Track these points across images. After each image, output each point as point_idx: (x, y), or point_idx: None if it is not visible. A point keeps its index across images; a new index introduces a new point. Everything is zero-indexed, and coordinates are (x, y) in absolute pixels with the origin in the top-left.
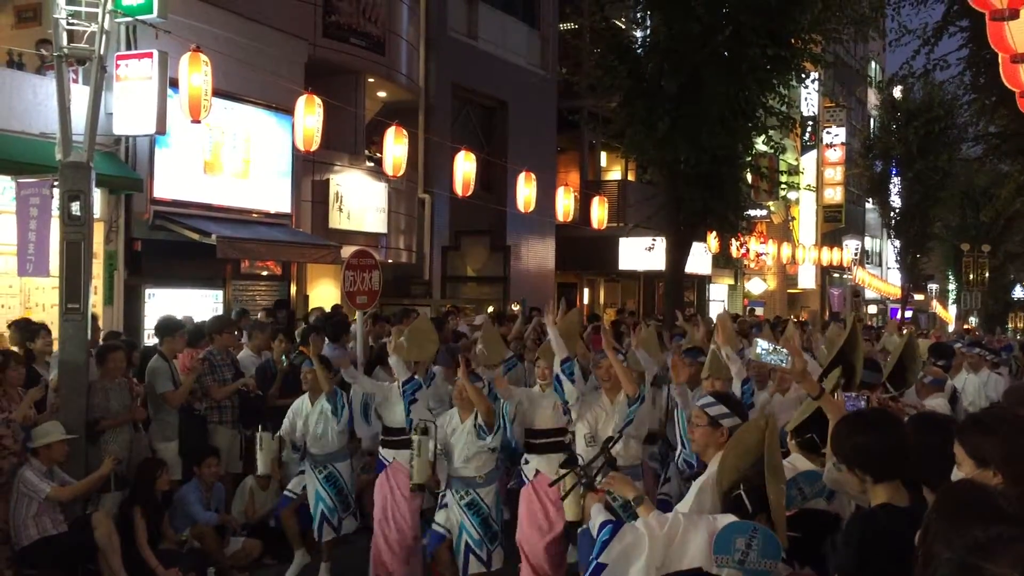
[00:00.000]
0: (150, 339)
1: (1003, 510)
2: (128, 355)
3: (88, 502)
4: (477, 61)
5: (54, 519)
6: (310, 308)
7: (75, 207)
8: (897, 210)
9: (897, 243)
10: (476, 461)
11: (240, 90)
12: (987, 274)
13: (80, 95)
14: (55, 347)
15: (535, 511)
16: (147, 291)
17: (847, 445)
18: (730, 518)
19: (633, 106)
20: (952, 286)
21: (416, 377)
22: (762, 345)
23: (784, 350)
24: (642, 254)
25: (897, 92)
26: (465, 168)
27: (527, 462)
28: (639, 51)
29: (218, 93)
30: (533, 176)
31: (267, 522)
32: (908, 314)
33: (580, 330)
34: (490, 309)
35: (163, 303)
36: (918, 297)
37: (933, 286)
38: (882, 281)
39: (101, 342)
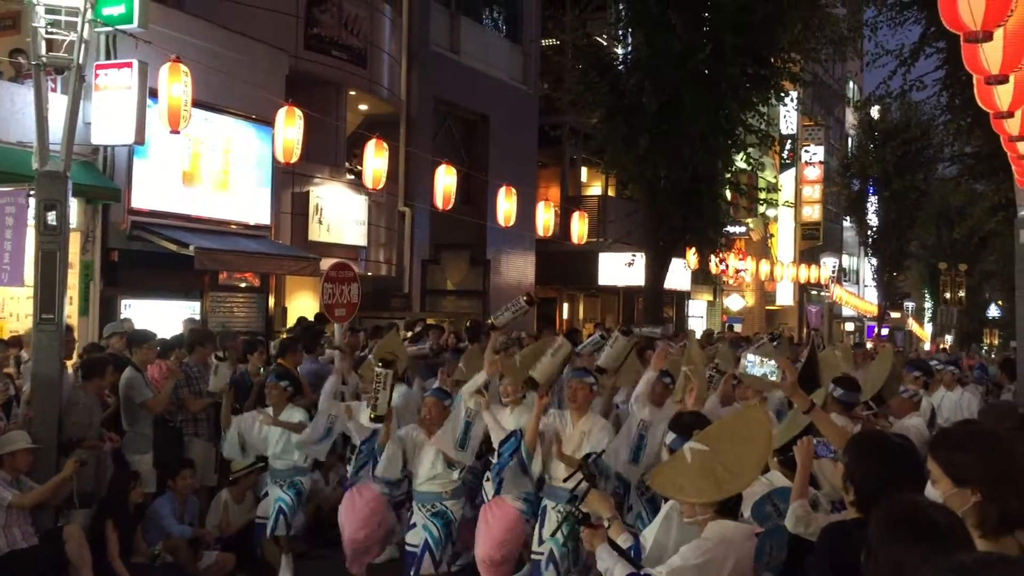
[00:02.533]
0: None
1: (937, 524)
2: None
3: (60, 515)
4: (459, 75)
5: (24, 531)
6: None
7: (51, 217)
8: (874, 228)
9: (874, 261)
10: (441, 479)
11: (220, 101)
12: (963, 293)
13: (58, 104)
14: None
15: (492, 528)
16: (123, 302)
17: (859, 467)
18: (732, 525)
19: (614, 122)
20: (928, 304)
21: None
22: (750, 359)
23: (772, 363)
24: (622, 269)
25: (874, 112)
26: (446, 182)
27: (488, 479)
28: (620, 68)
29: (198, 104)
30: (514, 191)
31: (241, 536)
32: (884, 332)
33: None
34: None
35: (140, 314)
36: (894, 315)
37: (909, 304)
38: (859, 299)
39: (76, 355)
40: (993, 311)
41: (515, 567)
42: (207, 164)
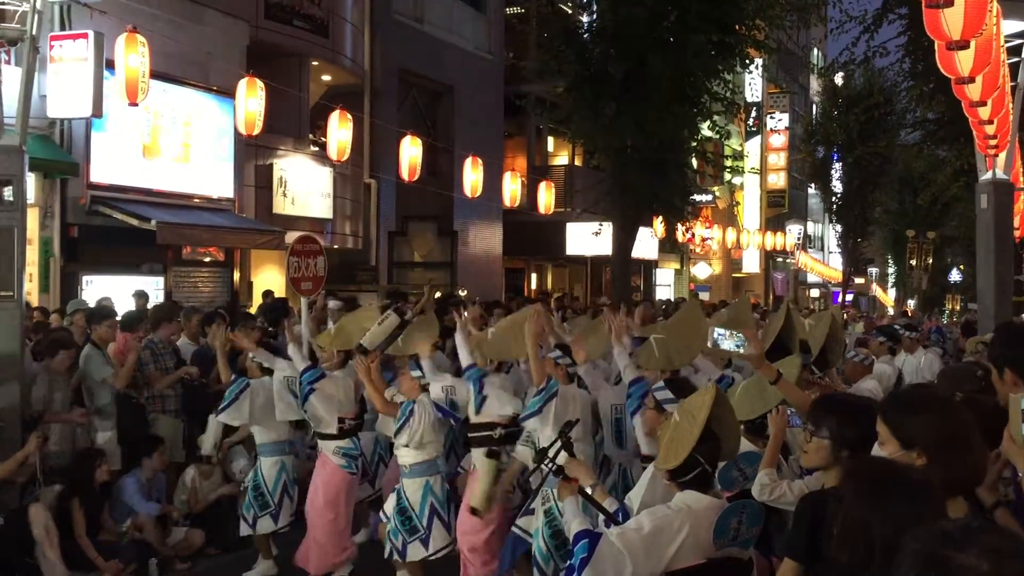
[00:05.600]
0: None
1: (916, 485)
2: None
3: (25, 494)
4: (423, 45)
5: None
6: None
7: (7, 192)
8: (838, 195)
9: (839, 228)
10: (401, 450)
11: (179, 72)
12: (931, 260)
13: (12, 76)
14: None
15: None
16: (84, 278)
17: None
18: (696, 496)
19: (580, 91)
20: (892, 269)
21: (320, 367)
22: (719, 331)
23: (740, 335)
24: (589, 239)
25: (838, 79)
26: (411, 153)
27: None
28: (585, 36)
29: (156, 75)
30: (480, 161)
31: (210, 512)
32: (849, 297)
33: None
34: (437, 294)
35: (101, 290)
36: (859, 281)
37: (873, 270)
38: (824, 265)
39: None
40: (954, 275)
41: (497, 543)
42: (167, 137)
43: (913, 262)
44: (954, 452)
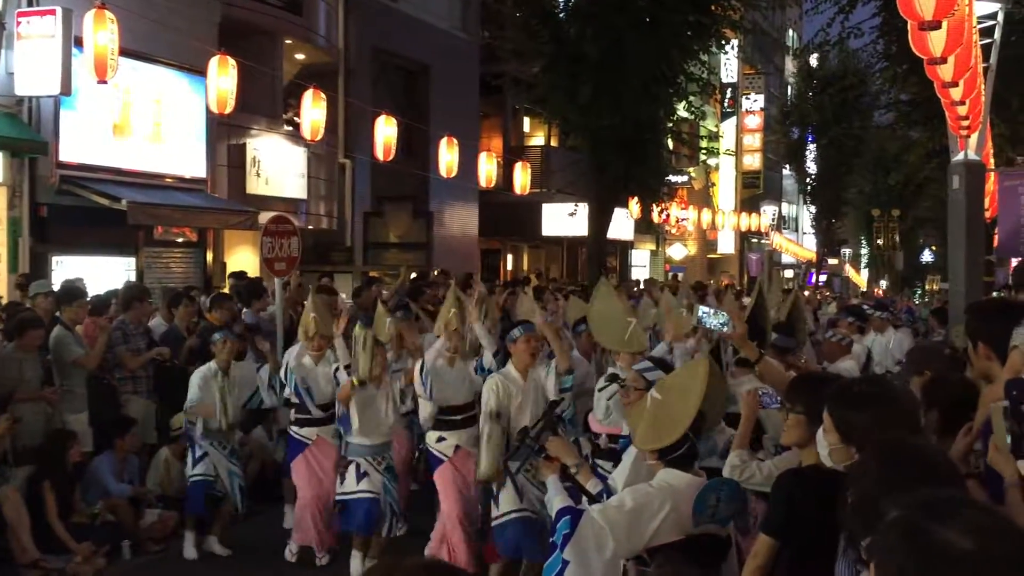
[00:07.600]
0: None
1: (940, 467)
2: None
3: None
4: (398, 23)
5: None
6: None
7: None
8: (813, 176)
9: (813, 208)
10: (390, 429)
11: (149, 50)
12: (897, 238)
13: None
14: None
15: (459, 487)
16: (54, 259)
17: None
18: (678, 474)
19: (556, 71)
20: (864, 250)
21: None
22: (703, 309)
23: (724, 314)
24: (565, 220)
25: (813, 60)
26: (386, 133)
27: (442, 439)
28: (562, 15)
29: (126, 52)
30: (455, 141)
31: (183, 494)
32: (823, 278)
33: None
34: (413, 275)
35: (72, 271)
36: (832, 261)
37: (846, 250)
38: (798, 246)
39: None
40: (927, 256)
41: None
42: (138, 115)
43: (880, 241)
44: None
